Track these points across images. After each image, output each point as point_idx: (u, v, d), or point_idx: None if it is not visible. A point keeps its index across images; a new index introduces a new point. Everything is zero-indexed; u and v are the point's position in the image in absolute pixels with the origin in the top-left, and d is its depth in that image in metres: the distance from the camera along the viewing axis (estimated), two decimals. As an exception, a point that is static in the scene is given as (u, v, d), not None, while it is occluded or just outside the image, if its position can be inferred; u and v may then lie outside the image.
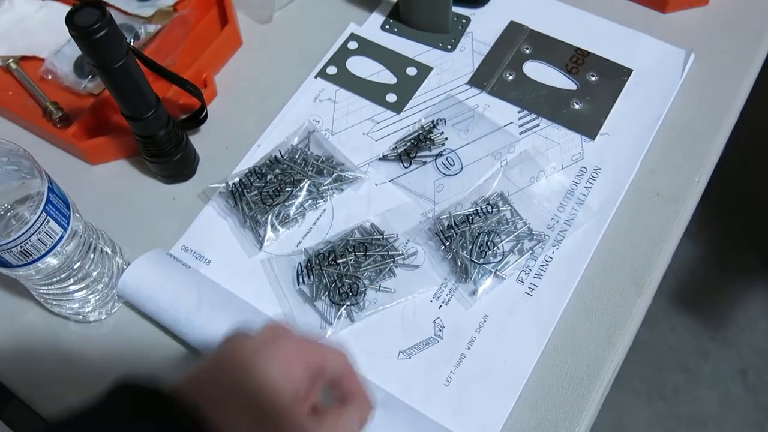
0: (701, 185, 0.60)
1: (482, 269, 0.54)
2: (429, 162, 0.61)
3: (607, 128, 0.62)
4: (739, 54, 0.67)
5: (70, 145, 0.64)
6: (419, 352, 0.52)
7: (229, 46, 0.70)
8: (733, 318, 1.42)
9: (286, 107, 0.66)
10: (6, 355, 0.55)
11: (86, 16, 0.46)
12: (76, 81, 0.68)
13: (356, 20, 0.71)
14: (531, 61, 0.67)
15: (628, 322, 0.53)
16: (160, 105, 0.56)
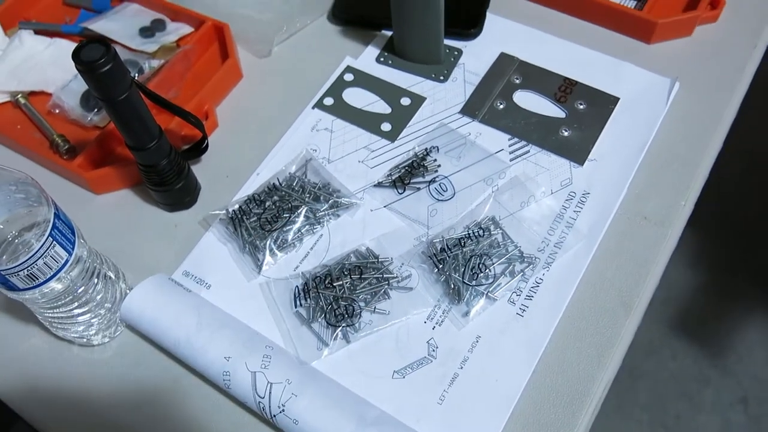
0: (687, 209, 0.62)
1: (474, 291, 0.56)
2: (422, 188, 0.63)
3: (595, 154, 0.64)
4: (722, 82, 0.69)
5: (76, 175, 0.66)
6: (413, 371, 0.53)
7: (229, 80, 0.73)
8: (732, 346, 1.42)
9: (284, 137, 0.68)
10: (11, 377, 0.57)
11: (92, 52, 0.48)
12: (82, 114, 0.70)
13: (352, 53, 0.74)
14: (521, 90, 0.69)
15: (617, 342, 0.54)
16: (163, 136, 0.58)
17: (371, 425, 0.48)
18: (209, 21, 0.75)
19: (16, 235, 0.47)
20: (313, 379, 0.51)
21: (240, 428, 0.53)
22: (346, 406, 0.50)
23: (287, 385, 0.50)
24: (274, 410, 0.50)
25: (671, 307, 1.48)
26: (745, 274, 1.51)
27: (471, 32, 0.73)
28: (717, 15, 0.73)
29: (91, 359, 0.57)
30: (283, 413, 0.49)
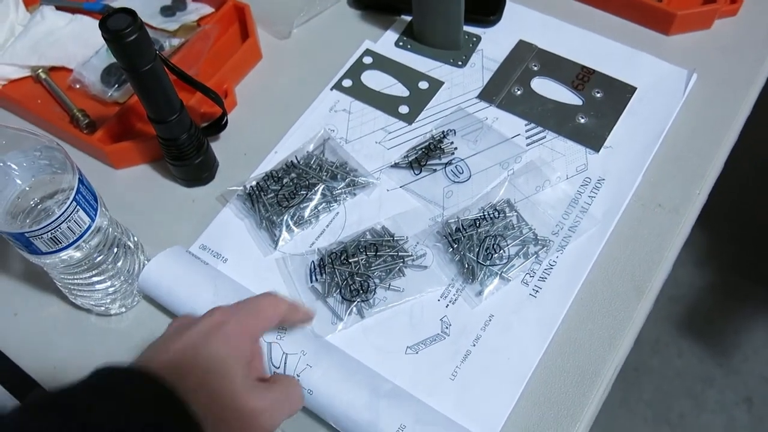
0: (702, 198, 0.62)
1: (488, 271, 0.56)
2: (439, 170, 0.63)
3: (610, 142, 0.64)
4: (739, 76, 0.69)
5: (96, 149, 0.67)
6: (426, 347, 0.54)
7: (249, 60, 0.74)
8: (738, 345, 1.42)
9: (302, 117, 0.68)
10: (30, 345, 0.58)
11: (119, 21, 0.49)
12: (103, 90, 0.71)
13: (371, 37, 0.75)
14: (539, 77, 0.69)
15: (629, 325, 0.55)
16: (184, 110, 0.59)
17: (384, 397, 0.49)
18: (230, 1, 0.76)
19: (38, 201, 0.48)
20: (327, 351, 0.52)
21: (254, 398, 0.53)
22: (360, 378, 0.50)
23: (302, 356, 0.50)
24: (288, 381, 0.50)
25: (679, 305, 1.48)
26: (754, 274, 1.51)
27: (490, 19, 0.74)
28: (736, 9, 0.73)
29: (108, 328, 0.58)
30: (297, 384, 0.50)
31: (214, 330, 0.40)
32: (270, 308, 0.43)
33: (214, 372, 0.38)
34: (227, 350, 0.39)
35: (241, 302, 0.43)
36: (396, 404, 0.49)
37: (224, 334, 0.40)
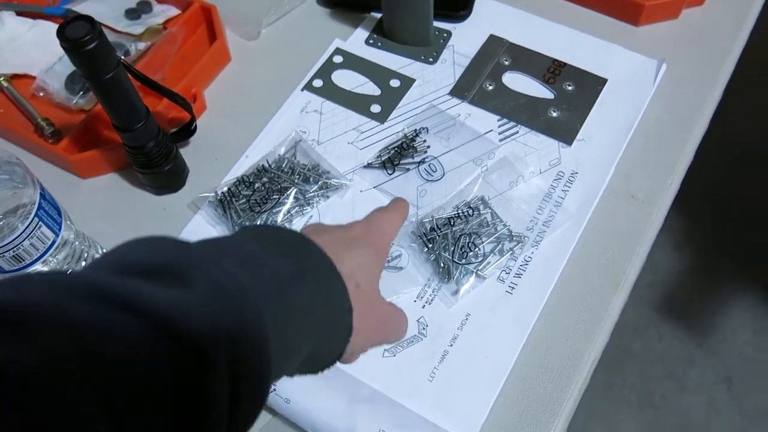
0: (674, 188, 0.62)
1: (464, 269, 0.56)
2: (412, 169, 0.63)
3: (583, 134, 0.64)
4: (708, 64, 0.69)
5: (62, 159, 0.65)
6: (404, 349, 0.53)
7: (217, 62, 0.73)
8: (717, 326, 1.44)
9: (273, 119, 0.68)
10: None
11: (77, 29, 0.48)
12: (67, 97, 0.70)
13: (341, 35, 0.74)
14: (510, 72, 0.69)
15: (605, 318, 0.55)
16: (150, 116, 0.58)
17: (362, 402, 0.49)
18: (196, 3, 0.74)
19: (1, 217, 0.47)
20: (304, 358, 0.51)
21: (232, 408, 0.53)
22: (337, 384, 0.50)
23: (279, 364, 0.50)
24: (265, 389, 0.50)
25: (658, 289, 1.49)
26: (730, 256, 1.53)
27: (460, 14, 0.73)
28: (703, -2, 0.73)
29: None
30: (274, 392, 0.50)
31: (359, 238, 0.43)
32: (393, 227, 0.47)
33: (361, 268, 0.41)
34: (370, 256, 0.42)
35: (370, 220, 0.46)
36: (374, 409, 0.48)
37: (367, 243, 0.43)
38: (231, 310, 0.30)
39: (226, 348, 0.29)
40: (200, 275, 0.30)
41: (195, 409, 0.28)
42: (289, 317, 0.34)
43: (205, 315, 0.29)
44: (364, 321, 0.39)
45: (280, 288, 0.34)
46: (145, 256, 0.31)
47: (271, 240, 0.37)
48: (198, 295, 0.29)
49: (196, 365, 0.28)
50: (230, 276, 0.31)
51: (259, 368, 0.31)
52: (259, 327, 0.31)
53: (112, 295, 0.27)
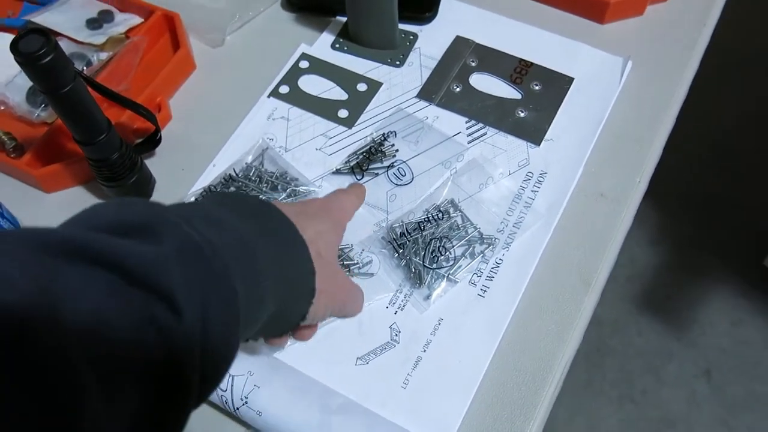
0: (642, 185, 0.62)
1: (435, 274, 0.56)
2: (381, 173, 0.62)
3: (551, 134, 0.64)
4: (673, 60, 0.70)
5: (25, 173, 0.64)
6: (377, 357, 0.53)
7: (182, 71, 0.72)
8: (695, 319, 1.46)
9: (240, 127, 0.67)
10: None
11: (31, 43, 0.47)
12: (29, 110, 0.68)
13: (307, 40, 0.73)
14: (477, 73, 0.69)
15: (578, 318, 0.55)
16: (112, 129, 0.57)
17: (335, 413, 0.48)
18: (159, 11, 0.73)
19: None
20: (275, 369, 0.51)
21: (203, 422, 0.52)
22: (310, 395, 0.49)
23: (249, 377, 0.49)
24: (236, 403, 0.49)
25: (635, 284, 1.50)
26: (707, 248, 1.54)
27: (426, 16, 0.73)
28: (667, -6, 0.74)
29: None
30: (246, 405, 0.49)
31: (318, 211, 0.46)
32: (352, 208, 0.51)
33: (321, 237, 0.43)
34: (329, 227, 0.45)
35: (329, 197, 0.50)
36: (348, 419, 0.48)
37: (326, 215, 0.46)
38: (200, 261, 0.31)
39: (197, 296, 0.30)
40: (169, 230, 0.31)
41: (170, 354, 0.28)
42: (256, 274, 0.35)
43: (175, 266, 0.30)
44: (325, 284, 0.42)
45: (246, 247, 0.36)
46: (116, 215, 0.32)
47: (236, 204, 0.39)
48: (168, 248, 0.30)
49: (169, 313, 0.29)
50: (198, 232, 0.33)
51: (228, 318, 0.32)
52: (228, 279, 0.32)
53: (84, 250, 0.28)
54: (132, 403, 0.27)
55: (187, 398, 0.30)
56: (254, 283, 0.35)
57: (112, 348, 0.26)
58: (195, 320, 0.30)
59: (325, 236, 0.44)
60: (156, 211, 0.33)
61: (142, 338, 0.28)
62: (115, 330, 0.27)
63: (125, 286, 0.28)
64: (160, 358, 0.28)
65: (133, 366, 0.27)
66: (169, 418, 0.29)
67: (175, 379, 0.29)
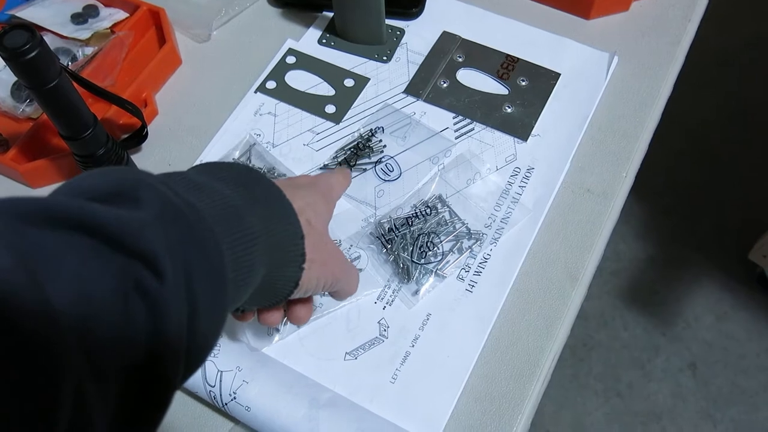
0: (629, 180, 0.63)
1: (423, 269, 0.56)
2: (369, 169, 0.62)
3: (538, 130, 0.65)
4: (659, 55, 0.70)
5: (10, 169, 0.63)
6: (365, 352, 0.53)
7: (168, 66, 0.71)
8: (680, 313, 1.47)
9: (227, 122, 0.67)
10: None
11: (16, 38, 0.46)
12: (14, 106, 0.68)
13: (293, 35, 0.73)
14: (464, 68, 0.69)
15: (565, 312, 0.55)
16: (98, 124, 0.56)
17: (324, 407, 0.48)
18: (144, 6, 0.73)
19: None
20: (263, 365, 0.51)
21: (191, 417, 0.52)
22: (298, 390, 0.49)
23: (238, 373, 0.49)
24: (225, 398, 0.49)
25: (621, 278, 1.52)
26: (691, 243, 1.56)
27: (412, 11, 0.73)
28: (652, -11, 0.74)
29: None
30: (234, 401, 0.49)
31: (306, 185, 0.45)
32: (341, 185, 0.51)
33: (310, 207, 0.43)
34: (318, 198, 0.45)
35: (316, 177, 0.49)
36: (336, 413, 0.48)
37: (314, 189, 0.45)
38: (182, 224, 0.31)
39: (180, 260, 0.30)
40: (150, 195, 0.31)
41: (155, 318, 0.28)
42: (242, 236, 0.35)
43: (156, 229, 0.29)
44: (317, 254, 0.41)
45: (232, 210, 0.35)
46: (94, 184, 0.31)
47: (221, 173, 0.38)
48: (149, 212, 0.30)
49: (153, 277, 0.28)
50: (180, 196, 0.32)
51: (215, 282, 0.32)
52: (213, 242, 0.32)
53: (63, 216, 0.27)
54: (116, 369, 0.27)
55: (174, 366, 0.29)
56: (242, 247, 0.34)
57: (95, 312, 0.26)
58: (179, 284, 0.29)
59: (314, 206, 0.44)
60: (135, 177, 0.32)
61: (125, 303, 0.27)
62: (97, 294, 0.26)
63: (107, 251, 0.27)
64: (145, 323, 0.28)
65: (116, 331, 0.27)
66: (154, 389, 0.29)
67: (160, 344, 0.28)
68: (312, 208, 0.43)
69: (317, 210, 0.44)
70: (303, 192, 0.43)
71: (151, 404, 0.29)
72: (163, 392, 0.29)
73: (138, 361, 0.27)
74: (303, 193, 0.43)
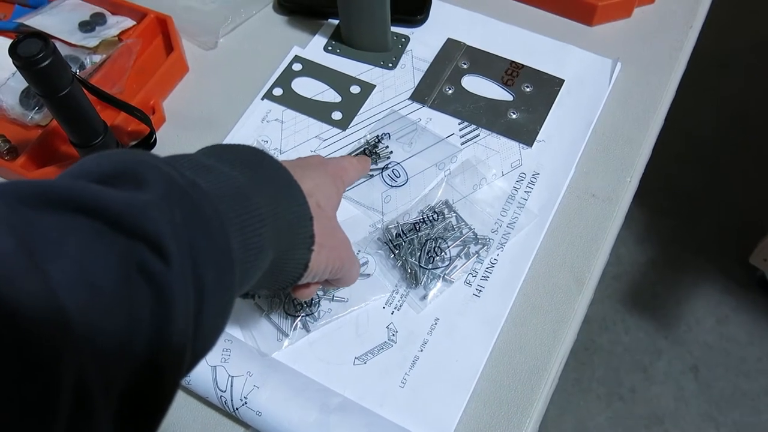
0: (633, 185, 0.63)
1: (431, 274, 0.56)
2: (375, 175, 0.63)
3: (543, 135, 0.65)
4: (661, 61, 0.71)
5: (19, 176, 0.64)
6: (374, 357, 0.53)
7: (175, 73, 0.72)
8: (681, 316, 1.48)
9: (234, 129, 0.67)
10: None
11: (30, 47, 0.47)
12: (23, 113, 0.68)
13: (299, 43, 0.74)
14: (469, 75, 0.70)
15: (572, 317, 0.56)
16: (108, 132, 0.57)
17: (334, 412, 0.49)
18: (151, 14, 0.73)
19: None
20: (274, 370, 0.51)
21: (203, 423, 0.52)
22: (309, 394, 0.50)
23: (248, 378, 0.50)
24: (236, 403, 0.50)
25: (622, 282, 1.52)
26: (691, 246, 1.56)
27: (417, 19, 0.74)
28: (654, -4, 0.75)
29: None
30: (245, 406, 0.49)
31: (315, 165, 0.45)
32: (353, 169, 0.51)
33: (319, 189, 0.42)
34: (327, 180, 0.44)
35: (331, 159, 0.49)
36: (346, 418, 0.48)
37: (324, 170, 0.45)
38: (187, 205, 0.30)
39: (185, 241, 0.29)
40: (155, 176, 0.30)
41: (161, 302, 0.27)
42: (250, 218, 0.34)
43: (160, 211, 0.29)
44: (326, 237, 0.41)
45: (238, 191, 0.34)
46: (100, 164, 0.31)
47: (225, 152, 0.38)
48: (153, 193, 0.29)
49: (158, 259, 0.27)
50: (185, 177, 0.32)
51: (221, 262, 0.31)
52: (219, 223, 0.31)
53: (65, 198, 0.27)
54: (119, 357, 0.26)
55: (180, 354, 0.28)
56: (251, 229, 0.34)
57: (97, 297, 0.25)
58: (186, 265, 0.29)
59: (324, 188, 0.43)
60: (140, 158, 0.32)
61: (129, 287, 0.26)
62: (99, 278, 0.25)
63: (110, 233, 0.27)
64: (149, 307, 0.27)
65: (119, 317, 0.26)
66: (159, 378, 0.27)
67: (166, 331, 0.27)
68: (321, 190, 0.42)
69: (326, 192, 0.43)
70: (312, 173, 0.43)
71: (155, 394, 0.28)
72: (169, 381, 0.28)
73: (142, 348, 0.26)
74: (312, 174, 0.42)
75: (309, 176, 0.42)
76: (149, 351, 0.27)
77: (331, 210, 0.44)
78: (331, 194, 0.44)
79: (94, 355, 0.24)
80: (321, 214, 0.41)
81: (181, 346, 0.28)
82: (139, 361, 0.26)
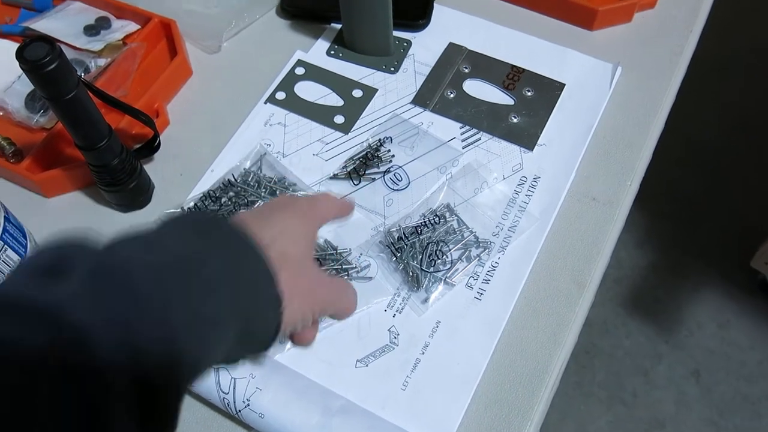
0: (633, 188, 0.64)
1: (433, 277, 0.57)
2: (378, 178, 0.63)
3: (544, 139, 0.66)
4: (662, 65, 0.71)
5: (25, 178, 0.64)
6: (376, 359, 0.54)
7: (179, 77, 0.72)
8: (682, 321, 1.48)
9: (237, 132, 0.68)
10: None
11: (36, 50, 0.47)
12: (28, 116, 0.69)
13: (302, 47, 0.74)
14: (470, 79, 0.70)
15: (572, 320, 0.56)
16: (113, 134, 0.57)
17: (336, 415, 0.49)
18: (156, 18, 0.74)
19: (-36, 241, 0.46)
20: (276, 372, 0.51)
21: (205, 424, 0.53)
22: (311, 397, 0.50)
23: (251, 380, 0.50)
24: (239, 405, 0.50)
25: (623, 286, 1.52)
26: (692, 250, 1.56)
27: (419, 23, 0.74)
28: (654, 1, 0.75)
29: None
30: (248, 408, 0.50)
31: (281, 207, 0.42)
32: (327, 206, 0.46)
33: (284, 235, 0.40)
34: (293, 222, 0.41)
35: (302, 198, 0.47)
36: (349, 421, 0.49)
37: (291, 211, 0.42)
38: (117, 288, 0.29)
39: (116, 327, 0.28)
40: (79, 262, 0.30)
41: (89, 408, 0.26)
42: (202, 291, 0.32)
43: (84, 299, 0.28)
44: (296, 286, 0.38)
45: (187, 264, 0.33)
46: (39, 259, 0.31)
47: (182, 225, 0.37)
48: (76, 282, 0.28)
49: (83, 351, 0.26)
50: (121, 256, 0.31)
51: (163, 343, 0.29)
52: (159, 301, 0.30)
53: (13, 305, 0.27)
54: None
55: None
56: (202, 303, 0.32)
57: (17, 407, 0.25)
58: (115, 352, 0.27)
59: (291, 231, 0.40)
60: (72, 247, 0.31)
61: (51, 387, 0.26)
62: (33, 384, 0.25)
63: (31, 328, 0.26)
64: (74, 411, 0.26)
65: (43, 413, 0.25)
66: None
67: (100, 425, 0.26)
68: (286, 234, 0.40)
69: (293, 235, 0.41)
70: (276, 218, 0.41)
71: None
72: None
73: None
74: (276, 219, 0.40)
75: (272, 223, 0.40)
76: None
77: (302, 251, 0.41)
78: (298, 236, 0.41)
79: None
80: (287, 263, 0.38)
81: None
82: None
